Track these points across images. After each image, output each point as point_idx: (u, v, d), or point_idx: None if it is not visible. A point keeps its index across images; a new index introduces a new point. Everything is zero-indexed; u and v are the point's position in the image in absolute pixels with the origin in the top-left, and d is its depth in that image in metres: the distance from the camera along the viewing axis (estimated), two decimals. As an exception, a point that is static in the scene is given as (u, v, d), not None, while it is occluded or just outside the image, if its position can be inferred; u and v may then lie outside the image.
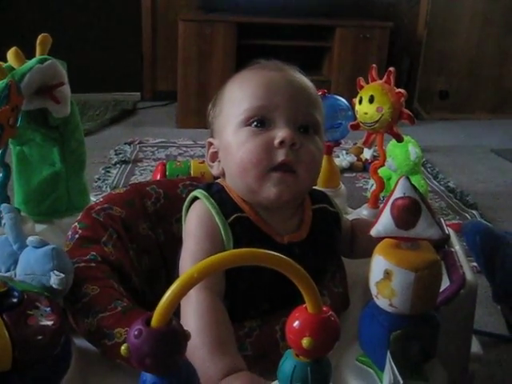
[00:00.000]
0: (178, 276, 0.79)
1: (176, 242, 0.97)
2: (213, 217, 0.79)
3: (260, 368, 0.70)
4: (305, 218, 0.85)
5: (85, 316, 0.75)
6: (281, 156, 0.78)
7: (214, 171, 0.88)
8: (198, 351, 0.65)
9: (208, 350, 0.65)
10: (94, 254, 0.85)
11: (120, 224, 0.93)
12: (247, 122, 0.80)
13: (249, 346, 0.72)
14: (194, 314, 0.69)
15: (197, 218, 0.81)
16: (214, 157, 0.88)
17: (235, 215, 0.80)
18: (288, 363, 0.51)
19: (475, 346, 0.89)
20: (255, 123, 0.79)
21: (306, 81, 0.86)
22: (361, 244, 0.93)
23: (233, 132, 0.81)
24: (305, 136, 0.81)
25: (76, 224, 0.90)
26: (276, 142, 0.78)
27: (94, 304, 0.75)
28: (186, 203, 0.85)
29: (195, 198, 0.83)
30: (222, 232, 0.78)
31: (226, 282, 0.76)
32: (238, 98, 0.82)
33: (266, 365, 0.70)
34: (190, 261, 0.78)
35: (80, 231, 0.89)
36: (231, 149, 0.81)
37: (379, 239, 0.61)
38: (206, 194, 0.82)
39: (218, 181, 0.87)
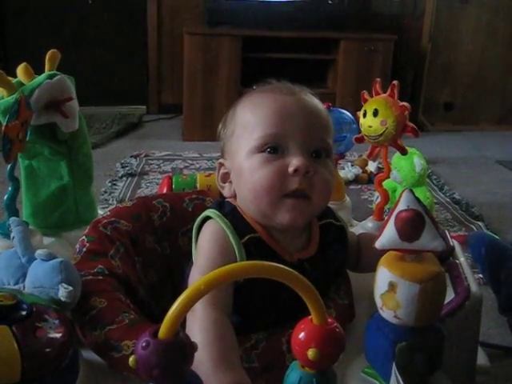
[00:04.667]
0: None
1: (182, 255, 0.97)
2: (227, 237, 0.79)
3: (266, 380, 0.71)
4: (313, 235, 0.86)
5: (92, 329, 0.75)
6: (295, 184, 0.78)
7: (226, 192, 0.87)
8: (203, 366, 0.64)
9: (212, 366, 0.65)
10: (102, 267, 0.85)
11: (127, 238, 0.94)
12: (261, 149, 0.80)
13: (255, 357, 0.72)
14: (199, 329, 0.69)
15: (211, 237, 0.80)
16: (226, 178, 0.87)
17: (249, 236, 0.80)
18: (294, 375, 0.52)
19: (482, 359, 0.89)
20: (269, 149, 0.79)
21: (317, 104, 0.86)
22: (366, 258, 0.92)
23: (245, 157, 0.81)
24: (317, 161, 0.81)
25: (84, 237, 0.91)
26: (290, 169, 0.78)
27: (102, 317, 0.76)
28: (197, 222, 0.85)
29: (207, 218, 0.83)
30: (237, 252, 0.78)
31: (239, 296, 0.77)
32: (250, 123, 0.82)
33: (272, 377, 0.71)
34: (199, 278, 0.78)
35: (88, 244, 0.89)
36: (244, 174, 0.82)
37: (384, 253, 0.61)
38: (219, 213, 0.82)
39: (229, 200, 0.87)
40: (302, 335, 0.50)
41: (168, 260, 0.98)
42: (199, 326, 0.69)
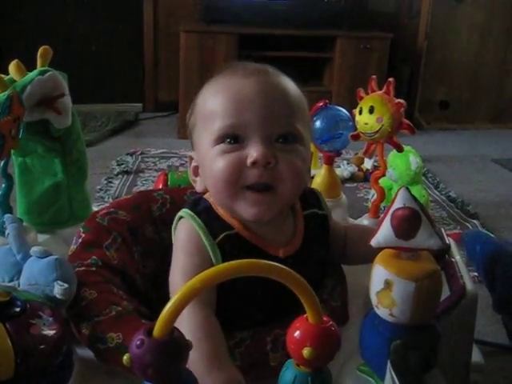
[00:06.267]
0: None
1: None
2: (199, 237, 0.77)
3: (249, 379, 0.69)
4: (298, 226, 0.83)
5: (81, 320, 0.75)
6: (254, 177, 0.74)
7: (198, 187, 0.85)
8: (194, 366, 0.63)
9: (204, 365, 0.65)
10: (95, 258, 0.85)
11: (125, 227, 0.93)
12: (220, 140, 0.76)
13: (238, 356, 0.71)
14: (187, 328, 0.68)
15: (184, 237, 0.79)
16: (196, 171, 0.85)
17: (224, 234, 0.77)
18: (289, 373, 0.52)
19: (477, 356, 0.89)
20: (228, 140, 0.76)
21: (283, 85, 0.79)
22: (353, 250, 0.91)
23: (206, 149, 0.78)
24: (283, 147, 0.76)
25: (80, 228, 0.92)
26: (248, 161, 0.74)
27: (91, 308, 0.76)
28: (174, 223, 0.83)
29: (180, 219, 0.82)
30: (210, 253, 0.76)
31: (218, 294, 0.75)
32: (209, 114, 0.78)
33: (254, 376, 0.70)
34: (180, 275, 0.77)
35: (83, 235, 0.90)
36: (205, 166, 0.79)
37: (378, 250, 0.61)
38: (192, 213, 0.79)
39: (206, 196, 0.84)
40: (297, 334, 0.50)
41: (166, 251, 0.94)
42: (188, 326, 0.67)
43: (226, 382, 0.64)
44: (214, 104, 0.78)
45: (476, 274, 1.43)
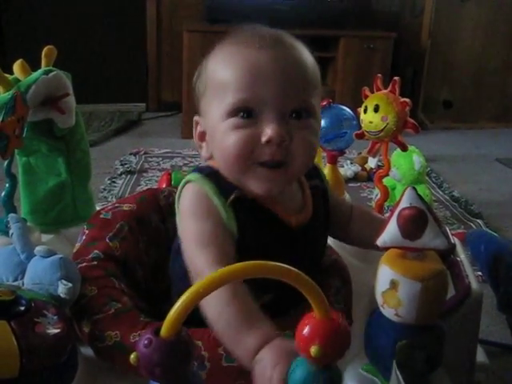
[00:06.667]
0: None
1: None
2: (209, 198, 0.74)
3: (245, 381, 0.68)
4: (306, 196, 0.82)
5: (82, 318, 0.76)
6: (267, 155, 0.73)
7: (203, 152, 0.82)
8: (225, 330, 0.63)
9: (239, 324, 0.63)
10: (97, 251, 0.86)
11: (132, 217, 0.93)
12: (234, 114, 0.73)
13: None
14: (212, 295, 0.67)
15: (193, 200, 0.76)
16: (202, 137, 0.81)
17: (235, 194, 0.74)
18: (299, 370, 0.51)
19: (481, 356, 0.89)
20: (242, 114, 0.73)
21: (299, 58, 0.77)
22: (359, 233, 0.90)
23: (218, 120, 0.75)
24: (297, 123, 0.74)
25: (84, 226, 0.93)
26: (263, 140, 0.72)
27: (91, 306, 0.76)
28: (179, 190, 0.80)
29: (187, 183, 0.78)
30: (222, 214, 0.74)
31: None
32: (222, 84, 0.75)
33: (250, 378, 0.69)
34: (193, 244, 0.73)
35: (87, 232, 0.91)
36: (216, 138, 0.76)
37: (376, 230, 0.61)
38: (200, 175, 0.77)
39: (210, 164, 0.81)
40: (305, 331, 0.50)
41: (171, 241, 0.93)
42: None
43: (266, 336, 0.61)
44: (227, 74, 0.75)
45: (480, 273, 1.42)
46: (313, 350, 0.48)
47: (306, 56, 0.79)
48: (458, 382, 0.69)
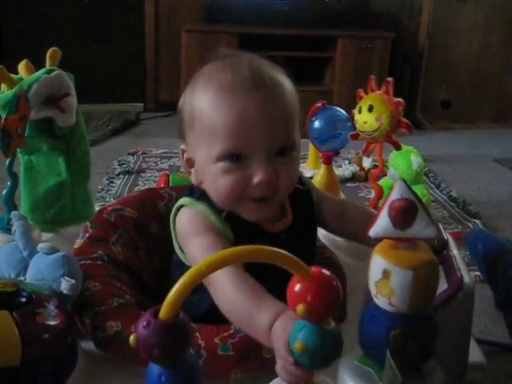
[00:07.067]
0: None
1: None
2: (206, 217, 0.79)
3: (241, 370, 0.71)
4: (284, 203, 0.86)
5: (84, 310, 0.77)
6: (258, 193, 0.78)
7: (193, 179, 0.86)
8: (241, 306, 0.67)
9: (253, 300, 0.66)
10: (101, 252, 0.88)
11: (131, 224, 0.96)
12: (224, 158, 0.77)
13: (231, 346, 0.72)
14: (223, 281, 0.69)
15: (191, 221, 0.81)
16: (191, 163, 0.85)
17: (226, 211, 0.80)
18: (297, 326, 0.55)
19: (479, 356, 0.89)
20: (231, 157, 0.77)
21: (282, 95, 0.79)
22: (350, 224, 0.93)
23: (208, 161, 0.79)
24: (282, 159, 0.79)
25: (88, 224, 0.94)
26: (254, 182, 0.77)
27: (94, 299, 0.78)
28: (172, 213, 0.84)
29: (180, 207, 0.83)
30: (219, 226, 0.79)
31: None
32: (210, 128, 0.78)
33: (247, 367, 0.72)
34: (200, 258, 0.76)
35: (90, 230, 0.92)
36: (207, 177, 0.81)
37: (369, 223, 0.62)
38: (192, 199, 0.82)
39: (198, 185, 0.85)
40: (290, 293, 0.54)
41: (172, 248, 0.97)
42: (222, 278, 0.69)
43: (277, 311, 0.63)
44: (215, 120, 0.77)
45: (478, 273, 1.43)
46: (299, 308, 0.52)
47: (287, 89, 0.81)
48: (451, 374, 0.70)
